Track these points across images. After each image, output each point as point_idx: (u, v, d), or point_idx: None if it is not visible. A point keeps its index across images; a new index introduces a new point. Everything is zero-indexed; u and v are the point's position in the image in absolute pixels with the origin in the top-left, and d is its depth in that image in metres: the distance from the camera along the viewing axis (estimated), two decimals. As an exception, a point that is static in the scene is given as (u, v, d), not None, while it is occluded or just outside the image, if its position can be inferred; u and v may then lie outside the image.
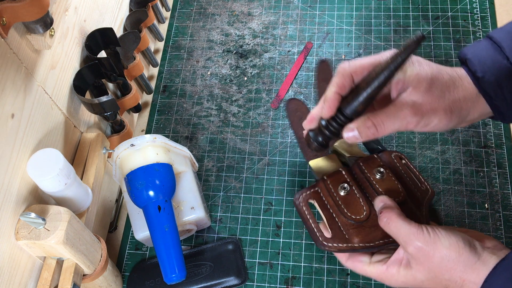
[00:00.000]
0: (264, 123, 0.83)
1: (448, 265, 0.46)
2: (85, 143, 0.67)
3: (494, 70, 0.49)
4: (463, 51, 0.52)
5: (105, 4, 0.73)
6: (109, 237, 0.76)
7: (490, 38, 0.51)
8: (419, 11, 0.92)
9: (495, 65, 0.49)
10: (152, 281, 0.70)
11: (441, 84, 0.49)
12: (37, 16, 0.51)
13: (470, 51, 0.51)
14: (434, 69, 0.49)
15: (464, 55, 0.51)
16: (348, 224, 0.55)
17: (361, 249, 0.54)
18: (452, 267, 0.46)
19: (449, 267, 0.46)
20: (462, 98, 0.49)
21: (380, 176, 0.57)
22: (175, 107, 0.86)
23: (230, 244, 0.72)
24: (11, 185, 0.51)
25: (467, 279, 0.45)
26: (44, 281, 0.55)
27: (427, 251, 0.47)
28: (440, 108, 0.48)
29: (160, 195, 0.63)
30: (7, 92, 0.50)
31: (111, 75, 0.69)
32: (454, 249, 0.46)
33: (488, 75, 0.49)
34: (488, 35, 0.52)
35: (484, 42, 0.51)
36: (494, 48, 0.50)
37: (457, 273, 0.46)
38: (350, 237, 0.54)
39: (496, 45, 0.50)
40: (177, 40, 0.94)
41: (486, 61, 0.49)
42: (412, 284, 0.50)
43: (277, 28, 0.93)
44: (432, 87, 0.48)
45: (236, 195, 0.77)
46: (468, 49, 0.52)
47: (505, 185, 0.74)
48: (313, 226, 0.56)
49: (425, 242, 0.47)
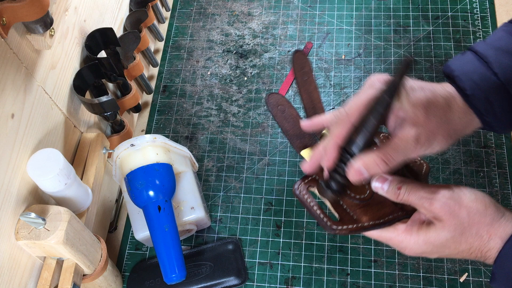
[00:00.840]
0: (264, 123, 0.83)
1: (476, 218, 0.45)
2: (85, 143, 0.67)
3: (483, 86, 0.49)
4: (448, 66, 0.52)
5: (105, 4, 0.73)
6: (109, 237, 0.76)
7: (475, 53, 0.50)
8: (419, 11, 0.92)
9: (484, 81, 0.49)
10: (152, 281, 0.70)
11: (438, 109, 0.49)
12: (37, 16, 0.51)
13: (457, 66, 0.51)
14: (428, 94, 0.49)
15: (450, 71, 0.51)
16: (354, 204, 0.54)
17: (371, 228, 0.52)
18: (480, 220, 0.45)
19: (477, 220, 0.45)
20: (458, 120, 0.49)
21: None
22: (175, 107, 0.86)
23: (230, 244, 0.72)
24: (11, 185, 0.51)
25: (493, 233, 0.45)
26: (44, 281, 0.55)
27: (453, 206, 0.46)
28: (439, 134, 0.48)
29: (160, 195, 0.63)
30: (7, 92, 0.50)
31: (111, 75, 0.69)
32: (480, 202, 0.46)
33: (477, 92, 0.49)
34: (471, 49, 0.51)
35: (469, 56, 0.51)
36: (481, 63, 0.50)
37: (484, 226, 0.45)
38: (359, 217, 0.53)
39: (482, 60, 0.50)
40: (177, 40, 0.94)
41: (474, 77, 0.49)
42: (433, 245, 0.48)
43: (277, 28, 0.93)
44: (430, 113, 0.48)
45: (236, 195, 0.77)
46: (453, 63, 0.51)
47: (505, 185, 0.74)
48: (319, 213, 0.55)
49: (450, 198, 0.46)
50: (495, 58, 0.49)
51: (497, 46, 0.50)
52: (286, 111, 0.62)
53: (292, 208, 0.76)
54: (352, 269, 0.70)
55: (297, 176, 0.78)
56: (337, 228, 0.54)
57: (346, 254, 0.72)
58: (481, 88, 0.49)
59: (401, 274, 0.69)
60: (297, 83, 0.63)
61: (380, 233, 0.52)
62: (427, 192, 0.48)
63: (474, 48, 0.51)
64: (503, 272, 0.46)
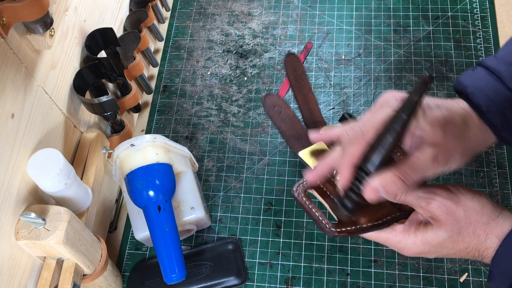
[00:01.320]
0: (264, 123, 0.83)
1: (473, 217, 0.46)
2: (85, 143, 0.67)
3: (498, 101, 0.48)
4: (461, 83, 0.52)
5: (105, 4, 0.73)
6: (109, 237, 0.76)
7: (487, 68, 0.51)
8: (419, 11, 0.92)
9: (498, 96, 0.49)
10: (152, 281, 0.70)
11: (456, 128, 0.48)
12: (37, 16, 0.51)
13: (469, 83, 0.51)
14: (445, 113, 0.49)
15: (463, 88, 0.51)
16: None
17: (370, 229, 0.52)
18: (477, 219, 0.45)
19: (474, 220, 0.46)
20: (474, 137, 0.49)
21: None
22: (175, 107, 0.86)
23: (230, 244, 0.72)
24: (11, 185, 0.51)
25: (490, 232, 0.45)
26: (44, 281, 0.55)
27: (450, 205, 0.46)
28: (457, 152, 0.48)
29: (160, 195, 0.63)
30: (7, 92, 0.50)
31: (111, 75, 0.69)
32: (477, 201, 0.46)
33: (492, 108, 0.48)
34: (482, 64, 0.51)
35: (480, 71, 0.51)
36: (494, 78, 0.49)
37: (481, 226, 0.45)
38: (357, 218, 0.53)
39: (495, 75, 0.49)
40: (177, 40, 0.94)
41: (489, 93, 0.49)
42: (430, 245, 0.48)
43: (277, 28, 0.93)
44: (447, 132, 0.48)
45: (236, 195, 0.77)
46: (465, 80, 0.51)
47: (505, 185, 0.74)
48: (318, 215, 0.55)
49: (447, 197, 0.46)
50: (508, 73, 0.49)
51: (509, 61, 0.49)
52: (283, 112, 0.62)
53: (292, 208, 0.76)
54: (352, 269, 0.71)
55: (297, 176, 0.78)
56: (335, 231, 0.54)
57: (346, 254, 0.72)
58: (496, 103, 0.48)
59: (401, 274, 0.69)
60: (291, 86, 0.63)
61: (378, 234, 0.52)
62: (424, 192, 0.48)
63: (485, 63, 0.51)
64: (500, 270, 0.46)
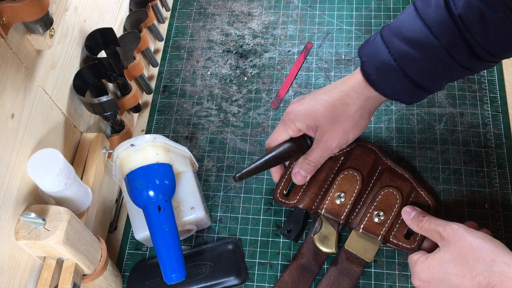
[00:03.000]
0: (264, 123, 0.83)
1: (480, 244, 0.53)
2: (85, 143, 0.67)
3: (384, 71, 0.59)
4: (360, 51, 0.62)
5: (105, 4, 0.73)
6: (109, 237, 0.76)
7: (382, 37, 0.60)
8: (419, 11, 0.91)
9: (385, 66, 0.59)
10: (152, 281, 0.70)
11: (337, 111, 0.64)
12: (37, 16, 0.51)
13: (365, 52, 0.61)
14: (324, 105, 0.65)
15: (361, 56, 0.61)
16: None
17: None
18: (483, 246, 0.53)
19: (480, 246, 0.53)
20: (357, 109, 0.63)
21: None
22: (175, 107, 0.86)
23: (230, 244, 0.72)
24: (11, 185, 0.51)
25: (496, 259, 0.51)
26: (44, 281, 0.55)
27: (462, 231, 0.55)
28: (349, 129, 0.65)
29: (160, 195, 0.63)
30: (7, 92, 0.50)
31: (111, 75, 0.69)
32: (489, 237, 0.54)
33: (380, 78, 0.60)
34: (380, 32, 0.60)
35: (378, 41, 0.60)
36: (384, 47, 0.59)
37: (486, 252, 0.52)
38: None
39: (385, 45, 0.59)
40: (177, 40, 0.94)
41: (377, 64, 0.59)
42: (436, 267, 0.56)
43: (277, 28, 0.93)
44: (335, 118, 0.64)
45: (236, 195, 0.77)
46: (364, 49, 0.62)
47: (505, 185, 0.74)
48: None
49: (462, 227, 0.56)
50: (396, 45, 0.57)
51: (398, 32, 0.58)
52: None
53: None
54: (352, 269, 0.70)
55: (297, 176, 0.78)
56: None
57: (346, 254, 0.71)
58: (382, 72, 0.59)
59: (401, 274, 0.69)
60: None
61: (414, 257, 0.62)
62: (443, 221, 0.58)
63: (381, 32, 0.60)
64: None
